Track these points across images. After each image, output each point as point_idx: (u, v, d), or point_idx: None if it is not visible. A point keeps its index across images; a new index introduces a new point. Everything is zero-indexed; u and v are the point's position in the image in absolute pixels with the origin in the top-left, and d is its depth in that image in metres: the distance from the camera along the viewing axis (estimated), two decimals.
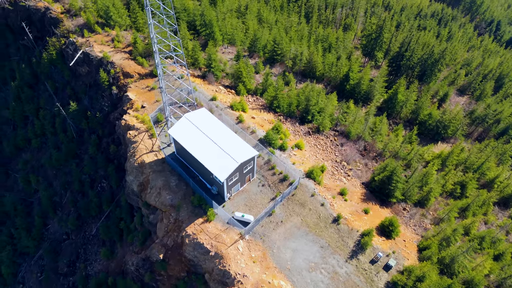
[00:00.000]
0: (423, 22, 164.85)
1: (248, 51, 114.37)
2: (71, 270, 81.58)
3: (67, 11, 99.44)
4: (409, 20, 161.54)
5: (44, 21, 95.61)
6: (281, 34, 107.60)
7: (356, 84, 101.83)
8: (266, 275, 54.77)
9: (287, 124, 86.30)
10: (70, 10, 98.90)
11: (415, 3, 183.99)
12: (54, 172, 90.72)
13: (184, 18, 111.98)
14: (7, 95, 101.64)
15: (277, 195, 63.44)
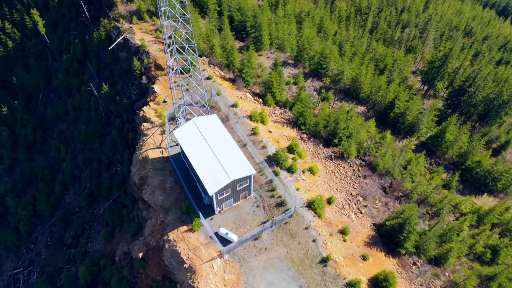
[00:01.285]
0: (507, 56, 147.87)
1: (294, 60, 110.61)
2: (75, 243, 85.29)
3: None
4: (490, 51, 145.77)
5: (102, 2, 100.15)
6: (330, 47, 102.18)
7: (401, 114, 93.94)
8: None
9: (309, 144, 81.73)
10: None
11: (502, 33, 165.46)
12: (81, 146, 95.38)
13: (236, 17, 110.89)
14: (59, 66, 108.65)
15: (268, 219, 59.96)
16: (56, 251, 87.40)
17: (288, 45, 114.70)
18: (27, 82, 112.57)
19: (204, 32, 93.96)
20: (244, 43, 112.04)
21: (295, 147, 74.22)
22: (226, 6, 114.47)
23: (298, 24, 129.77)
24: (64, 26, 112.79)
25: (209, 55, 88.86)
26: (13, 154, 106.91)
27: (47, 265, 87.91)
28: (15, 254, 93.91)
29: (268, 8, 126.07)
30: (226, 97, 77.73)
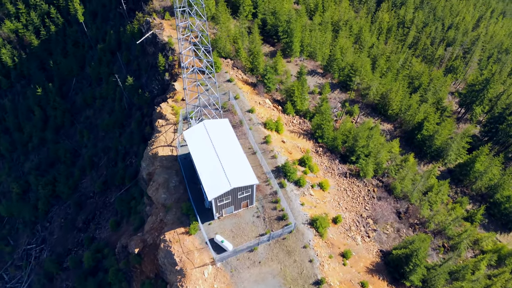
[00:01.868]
0: None
1: (323, 69, 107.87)
2: (85, 227, 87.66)
3: None
4: None
5: None
6: (363, 59, 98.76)
7: (429, 137, 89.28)
8: None
9: (323, 158, 79.19)
10: None
11: None
12: (102, 134, 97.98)
13: (269, 21, 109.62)
14: (94, 54, 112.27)
15: (266, 232, 58.39)
16: (67, 233, 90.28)
17: (319, 54, 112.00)
18: (63, 66, 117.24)
19: (233, 34, 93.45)
20: (274, 48, 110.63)
21: (307, 160, 72.06)
22: (261, 9, 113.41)
23: (334, 33, 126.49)
24: (103, 15, 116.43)
25: (234, 57, 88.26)
26: (42, 134, 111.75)
27: (58, 245, 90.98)
28: (31, 230, 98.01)
29: (305, 14, 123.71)
30: (243, 102, 76.79)
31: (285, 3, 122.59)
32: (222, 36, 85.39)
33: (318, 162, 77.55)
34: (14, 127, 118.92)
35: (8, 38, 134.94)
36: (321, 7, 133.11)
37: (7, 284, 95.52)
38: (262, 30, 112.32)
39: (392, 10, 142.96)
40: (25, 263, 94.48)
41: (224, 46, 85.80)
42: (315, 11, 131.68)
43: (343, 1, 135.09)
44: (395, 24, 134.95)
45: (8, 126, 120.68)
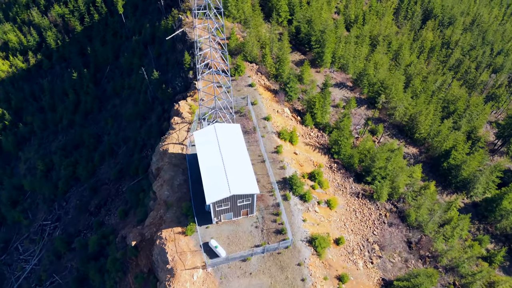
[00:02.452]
0: None
1: (353, 83, 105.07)
2: (96, 212, 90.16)
3: None
4: None
5: None
6: (397, 77, 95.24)
7: (455, 166, 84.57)
8: None
9: (336, 175, 76.78)
10: None
11: None
12: (125, 124, 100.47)
13: (303, 30, 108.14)
14: (129, 45, 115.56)
15: (262, 244, 57.19)
16: (80, 215, 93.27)
17: (352, 67, 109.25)
18: (100, 54, 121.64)
19: (263, 38, 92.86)
20: (305, 57, 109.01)
21: (317, 175, 70.06)
22: (298, 16, 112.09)
23: (371, 47, 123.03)
24: (143, 9, 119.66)
25: (260, 62, 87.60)
26: (72, 116, 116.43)
27: (70, 225, 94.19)
28: (49, 207, 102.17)
29: (343, 25, 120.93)
30: (261, 108, 75.92)
31: (324, 13, 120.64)
32: (250, 40, 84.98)
33: (330, 178, 75.28)
34: (48, 107, 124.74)
35: (55, 21, 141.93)
36: (361, 20, 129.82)
37: (20, 256, 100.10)
38: (295, 37, 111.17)
39: (438, 29, 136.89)
40: (39, 238, 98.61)
41: (251, 50, 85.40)
42: (354, 23, 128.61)
43: (386, 15, 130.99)
44: (439, 44, 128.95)
45: (43, 106, 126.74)
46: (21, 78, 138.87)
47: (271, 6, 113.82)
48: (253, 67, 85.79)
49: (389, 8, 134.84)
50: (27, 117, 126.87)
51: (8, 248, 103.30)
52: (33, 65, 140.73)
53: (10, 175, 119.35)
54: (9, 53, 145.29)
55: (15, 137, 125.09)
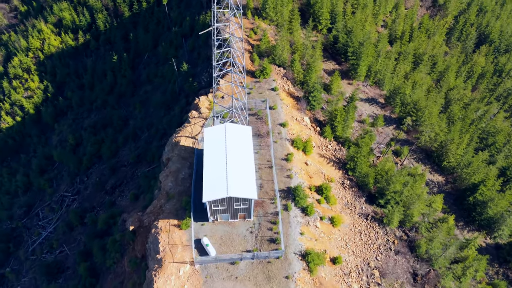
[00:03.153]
0: None
1: (385, 100, 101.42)
2: (111, 191, 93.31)
3: None
4: None
5: None
6: (431, 100, 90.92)
7: (481, 203, 79.58)
8: None
9: (347, 193, 74.33)
10: None
11: None
12: (151, 111, 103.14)
13: (341, 39, 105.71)
14: (168, 36, 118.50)
15: (253, 251, 56.46)
16: (96, 192, 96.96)
17: (388, 83, 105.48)
18: (141, 41, 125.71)
19: (296, 44, 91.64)
20: (340, 67, 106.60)
21: (325, 189, 68.11)
22: (338, 26, 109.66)
23: (413, 65, 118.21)
24: (187, 1, 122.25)
25: (288, 67, 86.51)
26: (106, 97, 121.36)
27: (86, 200, 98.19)
28: (71, 180, 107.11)
29: (387, 40, 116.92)
30: (279, 114, 74.94)
31: (368, 25, 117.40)
32: (281, 44, 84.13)
33: (340, 195, 73.00)
34: (87, 85, 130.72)
35: (107, 5, 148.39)
36: (408, 36, 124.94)
37: (39, 222, 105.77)
38: (332, 47, 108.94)
39: (492, 55, 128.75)
40: (58, 208, 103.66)
41: (280, 54, 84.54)
42: (399, 38, 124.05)
43: (437, 34, 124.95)
44: (490, 71, 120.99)
45: (84, 83, 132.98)
46: (69, 55, 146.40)
47: (312, 13, 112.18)
48: (280, 71, 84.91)
49: (442, 27, 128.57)
50: (68, 92, 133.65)
51: (30, 213, 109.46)
52: (81, 44, 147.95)
53: (44, 144, 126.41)
54: (62, 30, 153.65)
55: (54, 109, 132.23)
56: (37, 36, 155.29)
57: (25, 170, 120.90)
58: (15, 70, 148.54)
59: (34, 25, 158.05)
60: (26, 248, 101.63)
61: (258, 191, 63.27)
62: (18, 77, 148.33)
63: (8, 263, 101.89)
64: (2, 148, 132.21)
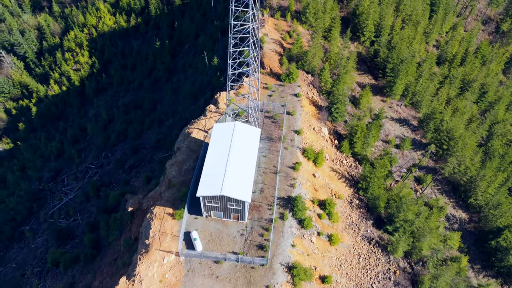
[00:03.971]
0: None
1: (418, 122, 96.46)
2: (128, 171, 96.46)
3: None
4: None
5: None
6: (469, 132, 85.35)
7: (504, 249, 74.04)
8: None
9: (354, 213, 71.39)
10: None
11: None
12: (180, 99, 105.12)
13: (382, 54, 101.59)
14: (209, 29, 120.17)
15: (239, 254, 55.77)
16: (116, 169, 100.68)
17: (425, 106, 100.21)
18: (185, 30, 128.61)
19: (331, 52, 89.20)
20: (376, 82, 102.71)
21: (329, 205, 65.75)
22: (382, 41, 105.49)
23: (459, 90, 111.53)
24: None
25: (316, 75, 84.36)
26: (143, 80, 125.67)
27: (107, 175, 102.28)
28: (97, 154, 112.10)
29: (435, 60, 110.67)
30: (296, 120, 73.32)
31: (416, 43, 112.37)
32: (312, 51, 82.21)
33: (346, 214, 70.24)
34: (130, 66, 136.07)
35: None
36: (459, 60, 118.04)
37: (63, 188, 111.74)
38: (372, 60, 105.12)
39: None
40: (81, 178, 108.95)
41: (310, 60, 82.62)
42: (449, 61, 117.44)
43: (495, 62, 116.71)
44: None
45: (126, 64, 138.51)
46: (119, 35, 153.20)
47: (356, 23, 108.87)
48: (308, 78, 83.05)
49: (501, 55, 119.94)
50: (112, 70, 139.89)
51: (56, 178, 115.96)
52: (132, 26, 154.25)
53: (82, 116, 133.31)
54: (117, 11, 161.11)
55: (96, 84, 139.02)
56: (94, 14, 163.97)
57: (61, 137, 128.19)
58: (69, 43, 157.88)
59: (94, 3, 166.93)
60: (47, 210, 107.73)
61: (258, 196, 62.42)
62: (71, 50, 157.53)
63: (29, 221, 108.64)
64: (45, 113, 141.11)
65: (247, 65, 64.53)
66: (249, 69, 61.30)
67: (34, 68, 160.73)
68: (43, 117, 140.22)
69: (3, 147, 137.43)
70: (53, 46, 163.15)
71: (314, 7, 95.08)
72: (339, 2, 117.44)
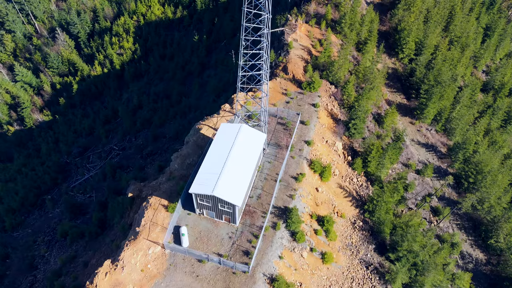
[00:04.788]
0: None
1: (448, 150, 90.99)
2: (145, 157, 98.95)
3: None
4: None
5: None
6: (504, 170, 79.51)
7: None
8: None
9: (355, 234, 68.37)
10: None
11: None
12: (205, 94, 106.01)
13: (418, 74, 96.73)
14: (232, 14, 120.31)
15: (223, 256, 55.08)
16: (136, 154, 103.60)
17: (459, 134, 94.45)
18: (224, 27, 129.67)
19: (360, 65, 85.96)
20: (407, 103, 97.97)
21: (327, 222, 63.34)
22: (422, 59, 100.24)
23: (502, 123, 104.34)
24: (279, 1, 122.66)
25: (340, 86, 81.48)
26: (177, 71, 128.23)
27: (126, 158, 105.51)
28: (122, 137, 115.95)
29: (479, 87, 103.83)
30: (309, 131, 71.29)
31: (461, 66, 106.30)
32: (339, 61, 79.60)
33: (346, 234, 67.39)
34: (168, 56, 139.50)
35: None
36: (507, 90, 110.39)
37: (87, 164, 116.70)
38: (407, 79, 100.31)
39: None
40: (104, 157, 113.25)
41: (336, 71, 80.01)
42: (497, 90, 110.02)
43: None
44: None
45: (166, 54, 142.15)
46: (164, 25, 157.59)
47: (397, 39, 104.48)
48: (330, 89, 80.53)
49: None
50: (151, 58, 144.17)
51: (83, 154, 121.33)
52: (177, 18, 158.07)
53: (117, 99, 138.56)
54: (166, 1, 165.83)
55: (135, 71, 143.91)
56: (145, 3, 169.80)
57: (95, 116, 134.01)
58: (117, 28, 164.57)
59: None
60: (69, 183, 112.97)
61: (255, 201, 61.39)
62: (118, 35, 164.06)
63: (52, 191, 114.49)
64: (85, 92, 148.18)
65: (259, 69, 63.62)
66: (261, 72, 60.03)
67: (83, 48, 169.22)
68: (82, 95, 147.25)
69: (43, 119, 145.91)
70: (103, 30, 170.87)
71: (351, 18, 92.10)
72: (383, 15, 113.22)
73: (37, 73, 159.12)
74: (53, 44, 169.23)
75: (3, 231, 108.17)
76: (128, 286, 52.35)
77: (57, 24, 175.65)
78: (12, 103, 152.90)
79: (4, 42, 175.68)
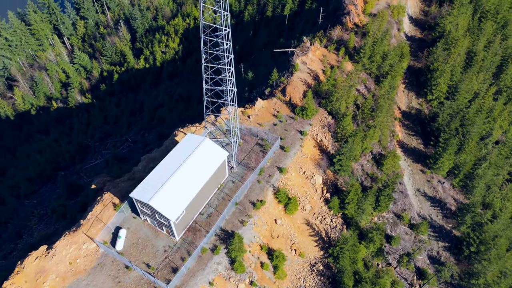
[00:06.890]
0: None
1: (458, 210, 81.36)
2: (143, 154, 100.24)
3: (361, 26, 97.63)
4: None
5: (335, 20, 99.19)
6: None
7: None
8: (48, 280, 52.07)
9: (311, 278, 63.16)
10: (361, 27, 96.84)
11: None
12: None
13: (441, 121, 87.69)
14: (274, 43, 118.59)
15: (151, 269, 53.18)
16: (140, 148, 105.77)
17: (478, 195, 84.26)
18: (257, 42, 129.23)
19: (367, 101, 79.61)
20: (424, 149, 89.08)
21: (277, 258, 58.53)
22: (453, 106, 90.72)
23: None
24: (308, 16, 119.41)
25: (338, 117, 75.65)
26: None
27: (133, 151, 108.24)
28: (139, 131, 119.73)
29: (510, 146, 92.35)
30: (287, 158, 66.99)
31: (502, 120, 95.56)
32: (339, 92, 74.24)
33: (299, 275, 61.91)
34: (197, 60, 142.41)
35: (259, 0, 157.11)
36: None
37: (104, 150, 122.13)
38: (429, 124, 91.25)
39: None
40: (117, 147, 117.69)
41: (335, 102, 74.67)
42: None
43: None
44: None
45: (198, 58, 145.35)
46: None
47: (429, 79, 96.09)
48: (326, 119, 75.33)
49: None
50: (188, 61, 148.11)
51: (103, 140, 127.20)
52: None
53: (148, 93, 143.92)
54: None
55: (172, 70, 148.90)
56: None
57: (124, 107, 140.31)
58: (169, 28, 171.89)
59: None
60: (83, 165, 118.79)
61: (204, 219, 58.83)
62: (168, 35, 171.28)
63: (67, 169, 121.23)
64: (125, 83, 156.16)
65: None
66: (226, 87, 57.61)
67: (135, 43, 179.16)
68: (122, 85, 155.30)
69: (83, 101, 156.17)
70: (158, 28, 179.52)
71: (372, 49, 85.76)
72: (420, 51, 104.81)
73: (94, 59, 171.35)
74: (115, 34, 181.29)
75: (18, 196, 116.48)
76: (51, 275, 52.51)
77: (123, 17, 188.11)
78: (66, 82, 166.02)
79: (77, 27, 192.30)
